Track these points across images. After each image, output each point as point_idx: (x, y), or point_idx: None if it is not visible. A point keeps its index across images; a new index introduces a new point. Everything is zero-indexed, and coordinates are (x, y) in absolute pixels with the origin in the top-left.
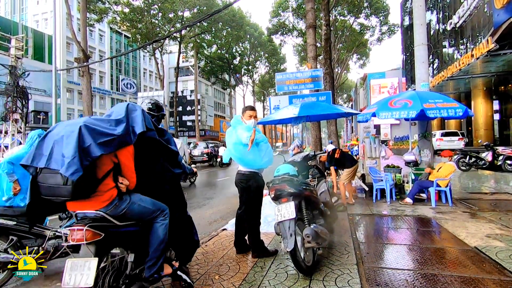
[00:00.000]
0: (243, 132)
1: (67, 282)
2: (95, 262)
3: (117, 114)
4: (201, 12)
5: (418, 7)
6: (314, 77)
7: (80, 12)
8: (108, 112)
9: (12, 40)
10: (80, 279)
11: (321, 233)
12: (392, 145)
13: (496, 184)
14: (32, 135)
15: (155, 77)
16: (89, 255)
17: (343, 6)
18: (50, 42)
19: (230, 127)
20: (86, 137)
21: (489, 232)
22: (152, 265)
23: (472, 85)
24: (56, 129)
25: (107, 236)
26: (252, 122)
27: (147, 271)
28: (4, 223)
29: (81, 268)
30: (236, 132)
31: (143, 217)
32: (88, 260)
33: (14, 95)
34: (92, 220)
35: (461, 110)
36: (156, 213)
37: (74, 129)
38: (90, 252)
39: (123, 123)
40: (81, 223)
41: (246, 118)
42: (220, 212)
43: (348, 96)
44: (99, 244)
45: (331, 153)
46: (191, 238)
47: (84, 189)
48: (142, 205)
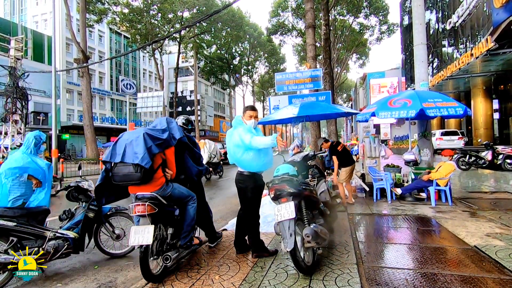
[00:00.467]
0: (244, 134)
1: (132, 241)
2: (152, 228)
3: (161, 125)
4: (201, 12)
5: (417, 7)
6: (314, 77)
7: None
8: (153, 124)
9: (11, 41)
10: (142, 239)
11: (321, 233)
12: (392, 144)
13: (496, 183)
14: (28, 137)
15: (155, 78)
16: (147, 224)
17: (343, 5)
18: (49, 43)
19: (230, 127)
20: (148, 140)
21: (489, 231)
22: (185, 236)
23: (472, 84)
24: (124, 136)
25: (157, 212)
26: (253, 122)
27: (182, 241)
28: (5, 224)
29: (142, 232)
30: (237, 133)
31: (180, 200)
32: (147, 227)
33: (14, 96)
34: (148, 199)
35: (461, 108)
36: (188, 198)
37: (139, 135)
38: (148, 222)
39: (167, 131)
40: (141, 202)
41: (247, 118)
42: (220, 212)
43: (347, 95)
44: (153, 216)
45: (335, 144)
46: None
47: (147, 175)
48: (180, 190)
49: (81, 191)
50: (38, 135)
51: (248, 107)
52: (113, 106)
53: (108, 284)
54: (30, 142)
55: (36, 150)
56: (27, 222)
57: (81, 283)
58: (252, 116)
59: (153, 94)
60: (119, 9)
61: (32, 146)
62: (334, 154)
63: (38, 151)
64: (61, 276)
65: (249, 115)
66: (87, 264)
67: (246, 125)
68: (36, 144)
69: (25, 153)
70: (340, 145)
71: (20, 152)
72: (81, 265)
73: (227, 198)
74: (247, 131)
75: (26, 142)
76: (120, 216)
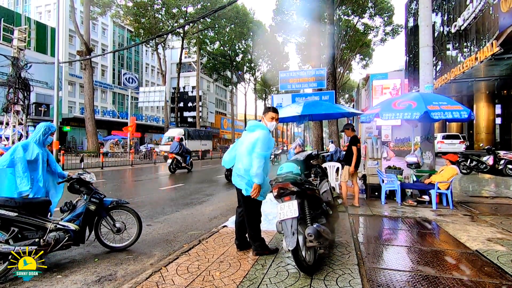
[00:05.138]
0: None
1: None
2: (296, 202)
3: None
4: (205, 8)
5: (424, 8)
6: (318, 76)
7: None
8: None
9: (15, 31)
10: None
11: (323, 232)
12: (393, 146)
13: (497, 188)
14: (40, 127)
15: (157, 72)
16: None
17: (348, 5)
18: (52, 35)
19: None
20: None
21: (490, 236)
22: None
23: (475, 89)
24: None
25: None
26: (274, 124)
27: None
28: (6, 214)
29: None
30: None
31: None
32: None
33: (16, 86)
34: None
35: (466, 112)
36: None
37: None
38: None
39: None
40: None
41: (268, 120)
42: (220, 209)
43: (349, 96)
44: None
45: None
46: None
47: None
48: None
49: (83, 184)
50: (48, 125)
51: (271, 108)
52: (114, 100)
53: (108, 277)
54: (39, 131)
55: (43, 140)
56: (28, 213)
57: (81, 275)
58: (273, 118)
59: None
60: (123, 2)
61: (40, 135)
62: (353, 145)
63: (45, 141)
64: (61, 268)
65: (271, 117)
66: (87, 256)
67: (265, 125)
68: (44, 134)
69: (30, 140)
70: (359, 142)
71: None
72: (81, 258)
73: (227, 195)
74: (267, 149)
75: (36, 130)
76: (121, 209)
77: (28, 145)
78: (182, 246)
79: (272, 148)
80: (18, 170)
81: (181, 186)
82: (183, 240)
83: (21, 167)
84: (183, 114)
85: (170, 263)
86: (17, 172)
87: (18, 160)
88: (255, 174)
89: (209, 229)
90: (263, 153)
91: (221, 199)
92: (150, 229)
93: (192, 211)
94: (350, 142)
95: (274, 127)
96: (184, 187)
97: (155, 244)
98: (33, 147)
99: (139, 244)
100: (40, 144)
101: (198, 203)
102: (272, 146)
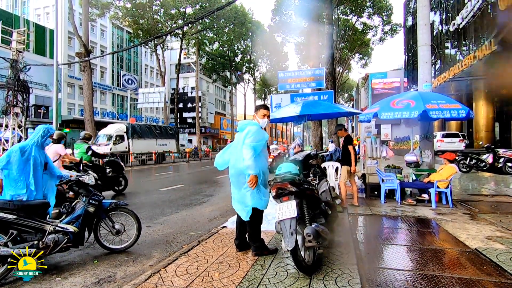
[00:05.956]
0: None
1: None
2: (295, 202)
3: None
4: (203, 8)
5: (422, 7)
6: (316, 76)
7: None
8: None
9: (13, 33)
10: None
11: (322, 232)
12: (393, 145)
13: (496, 186)
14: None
15: (156, 73)
16: (291, 199)
17: (346, 5)
18: (51, 36)
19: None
20: None
21: (489, 234)
22: None
23: (474, 87)
24: None
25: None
26: (266, 121)
27: None
28: (4, 216)
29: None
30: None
31: None
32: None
33: (15, 89)
34: None
35: (464, 111)
36: None
37: None
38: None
39: None
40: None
41: (260, 117)
42: (219, 209)
43: (349, 95)
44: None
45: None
46: None
47: None
48: None
49: (82, 185)
50: (47, 128)
51: (262, 105)
52: (114, 101)
53: (107, 279)
54: (38, 133)
55: (43, 142)
56: (27, 215)
57: (80, 277)
58: (265, 115)
59: (154, 90)
60: (122, 4)
61: (39, 137)
62: (348, 144)
63: (44, 143)
64: (60, 270)
65: (263, 114)
66: (86, 258)
67: (258, 122)
68: (43, 136)
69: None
70: (355, 140)
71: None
72: (81, 260)
73: (227, 196)
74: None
75: (35, 133)
76: (120, 211)
77: (26, 147)
78: (182, 247)
79: (265, 140)
80: (14, 173)
81: (181, 187)
82: (183, 241)
83: (17, 170)
84: (182, 115)
85: (170, 264)
86: (13, 174)
87: (15, 162)
88: (247, 165)
89: (208, 230)
90: (252, 144)
91: (221, 200)
92: (149, 230)
93: (191, 212)
94: (344, 142)
95: (266, 124)
96: (184, 188)
97: (155, 246)
98: (30, 150)
99: (139, 246)
100: (39, 146)
101: (198, 204)
102: (265, 139)
